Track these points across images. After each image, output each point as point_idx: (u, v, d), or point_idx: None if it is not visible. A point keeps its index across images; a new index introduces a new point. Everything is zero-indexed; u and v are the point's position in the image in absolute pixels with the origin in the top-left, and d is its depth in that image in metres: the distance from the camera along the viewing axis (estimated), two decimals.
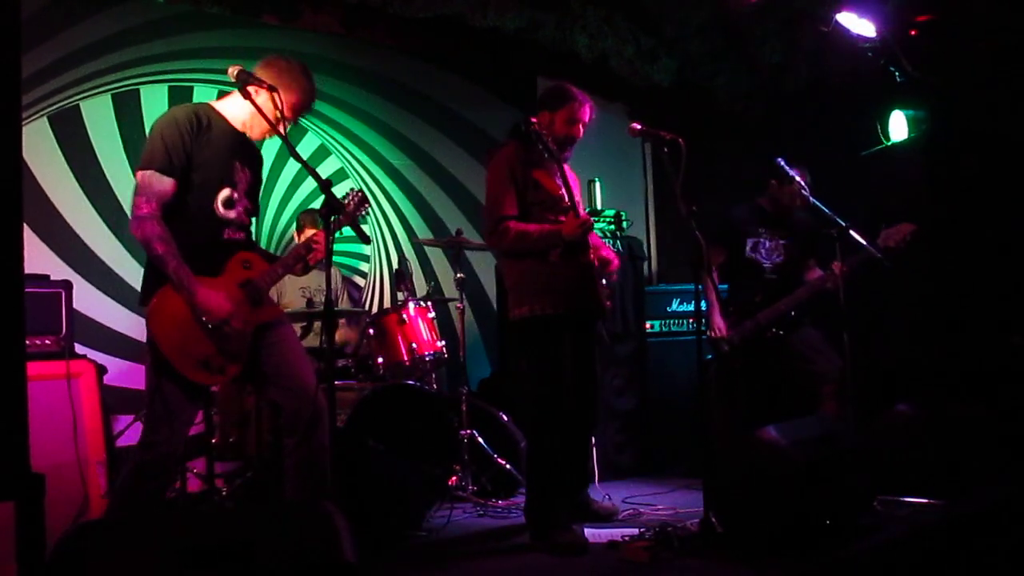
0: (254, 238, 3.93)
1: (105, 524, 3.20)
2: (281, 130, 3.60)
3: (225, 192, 3.55)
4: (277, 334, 3.67)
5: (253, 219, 3.76)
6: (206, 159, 3.49)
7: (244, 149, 3.69)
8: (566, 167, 4.51)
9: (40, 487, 3.26)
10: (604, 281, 4.46)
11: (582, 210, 4.67)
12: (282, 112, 3.57)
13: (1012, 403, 4.94)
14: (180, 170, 3.43)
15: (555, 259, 4.30)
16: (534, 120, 4.30)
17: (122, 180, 5.49)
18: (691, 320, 6.39)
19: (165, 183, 3.40)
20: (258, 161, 3.82)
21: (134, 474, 3.44)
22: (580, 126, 4.44)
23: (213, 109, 3.64)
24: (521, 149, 4.37)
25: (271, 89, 3.55)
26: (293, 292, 5.59)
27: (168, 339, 3.38)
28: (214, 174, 3.52)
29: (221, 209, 3.54)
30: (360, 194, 3.90)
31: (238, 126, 3.67)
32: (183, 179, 3.45)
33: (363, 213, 3.91)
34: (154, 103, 5.65)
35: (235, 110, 3.66)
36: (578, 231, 4.22)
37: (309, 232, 5.66)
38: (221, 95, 3.75)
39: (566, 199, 4.30)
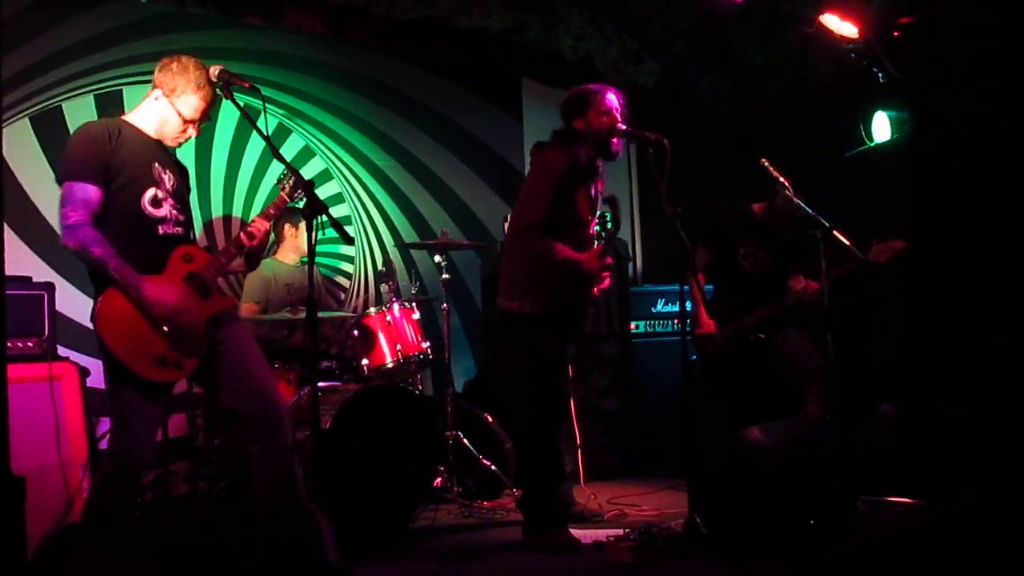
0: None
1: (87, 526, 3.19)
2: (191, 133, 3.72)
3: (150, 191, 3.56)
4: (229, 333, 3.65)
5: (187, 222, 3.75)
6: (123, 162, 3.51)
7: (162, 154, 3.71)
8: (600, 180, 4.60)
9: (21, 489, 3.24)
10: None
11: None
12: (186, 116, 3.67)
13: (994, 403, 4.96)
14: (100, 177, 3.45)
15: (563, 279, 4.34)
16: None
17: None
18: (676, 321, 6.40)
19: (88, 190, 3.43)
20: (180, 168, 3.83)
21: (102, 483, 3.44)
22: (615, 112, 4.43)
23: (124, 120, 3.68)
24: (571, 157, 4.35)
25: (254, 89, 3.56)
26: (278, 291, 5.57)
27: (119, 342, 3.37)
28: (136, 174, 3.54)
29: (149, 208, 3.55)
30: (294, 179, 3.84)
31: (152, 133, 3.69)
32: (106, 186, 3.47)
33: (297, 199, 3.89)
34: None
35: (145, 119, 3.70)
36: (596, 272, 4.28)
37: (288, 231, 5.64)
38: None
39: (592, 227, 4.43)
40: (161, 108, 3.66)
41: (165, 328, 3.41)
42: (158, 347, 3.41)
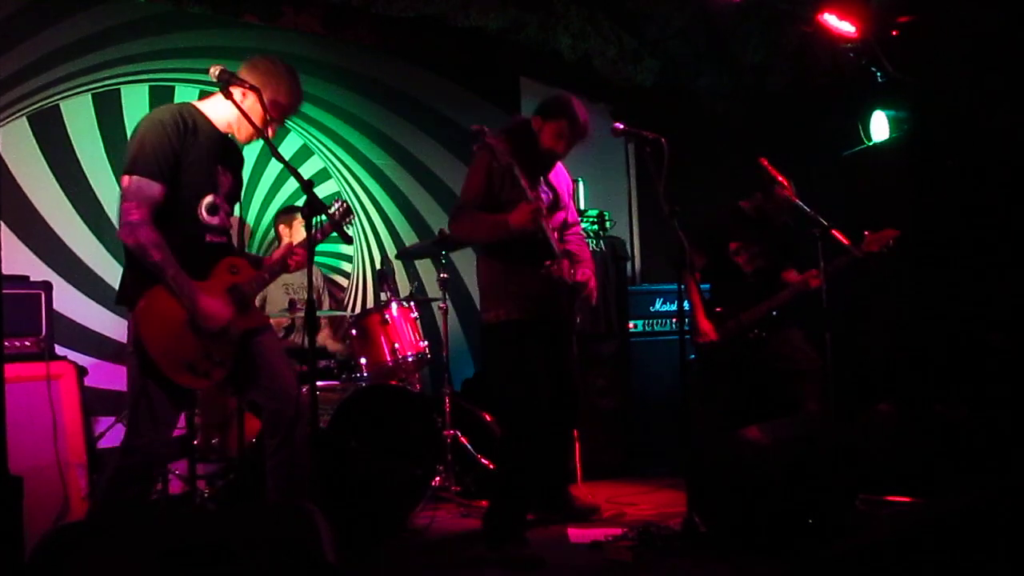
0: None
1: (85, 526, 3.18)
2: (268, 133, 3.59)
3: (209, 198, 3.53)
4: (261, 337, 3.67)
5: (230, 227, 3.72)
6: (192, 163, 3.46)
7: (227, 152, 3.67)
8: (561, 170, 4.55)
9: (18, 489, 3.24)
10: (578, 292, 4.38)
11: (573, 214, 4.68)
12: (268, 113, 3.57)
13: (992, 402, 4.97)
14: (168, 174, 3.40)
15: (520, 266, 4.23)
16: (491, 142, 4.07)
17: (103, 181, 5.45)
18: (674, 320, 6.41)
19: (154, 188, 3.37)
20: (240, 163, 3.80)
21: (116, 478, 3.42)
22: (565, 143, 4.34)
23: (197, 110, 3.60)
24: (508, 145, 4.26)
25: (254, 89, 3.54)
26: (277, 292, 5.57)
27: (156, 341, 3.35)
28: (199, 179, 3.49)
29: (205, 215, 3.53)
30: (345, 205, 3.88)
31: (223, 127, 3.63)
32: (170, 182, 3.41)
33: (347, 223, 3.90)
34: (135, 103, 5.61)
35: (219, 111, 3.62)
36: (527, 219, 4.02)
37: (283, 231, 5.62)
38: (203, 95, 3.71)
39: (541, 200, 4.20)
40: (249, 103, 3.55)
41: (202, 334, 3.41)
42: (191, 354, 3.40)
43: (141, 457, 3.41)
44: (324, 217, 3.49)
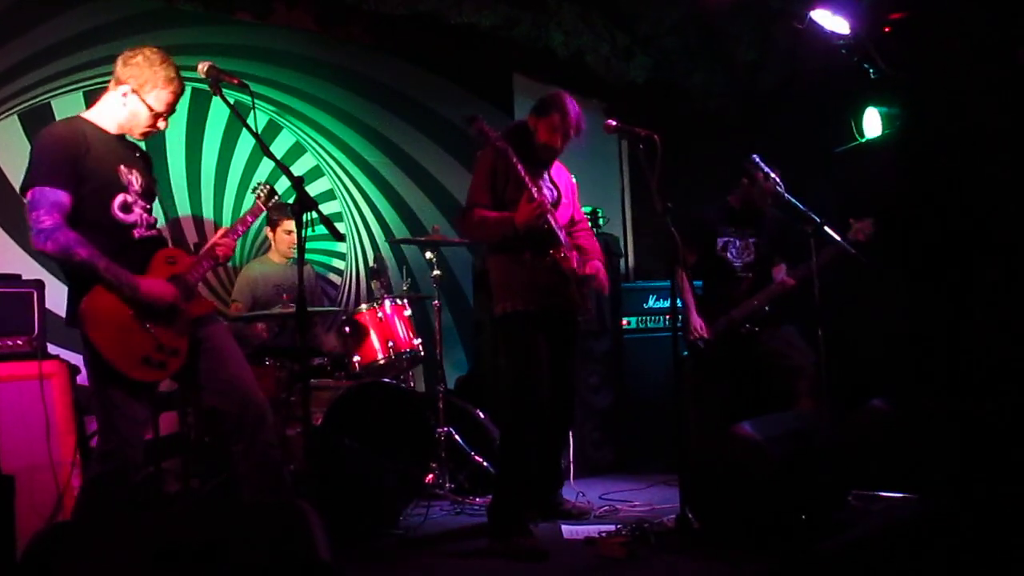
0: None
1: (77, 524, 3.18)
2: (160, 127, 3.63)
3: (119, 198, 3.51)
4: (208, 333, 3.64)
5: (155, 221, 3.70)
6: (91, 170, 3.44)
7: (126, 152, 3.65)
8: (563, 170, 4.62)
9: (11, 488, 3.23)
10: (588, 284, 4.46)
11: (579, 212, 4.70)
12: (152, 110, 3.59)
13: (986, 399, 4.97)
14: (71, 183, 3.38)
15: (527, 257, 4.29)
16: (490, 133, 4.21)
17: None
18: (667, 317, 6.41)
19: (60, 195, 3.35)
20: (145, 160, 3.77)
21: (92, 485, 3.42)
22: (560, 137, 4.40)
23: (85, 120, 3.59)
24: (502, 150, 4.29)
25: (243, 86, 3.53)
26: (267, 291, 5.56)
27: (106, 341, 3.35)
28: (103, 182, 3.47)
29: (120, 215, 3.51)
30: (268, 188, 3.92)
31: (114, 130, 3.62)
32: (75, 192, 3.40)
33: (270, 205, 3.98)
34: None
35: (108, 115, 3.61)
36: (532, 217, 4.14)
37: (286, 224, 5.60)
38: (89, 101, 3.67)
39: (543, 194, 4.28)
40: (131, 104, 3.57)
41: (149, 326, 3.40)
42: (144, 347, 3.40)
43: (115, 463, 3.39)
44: (314, 214, 3.48)
